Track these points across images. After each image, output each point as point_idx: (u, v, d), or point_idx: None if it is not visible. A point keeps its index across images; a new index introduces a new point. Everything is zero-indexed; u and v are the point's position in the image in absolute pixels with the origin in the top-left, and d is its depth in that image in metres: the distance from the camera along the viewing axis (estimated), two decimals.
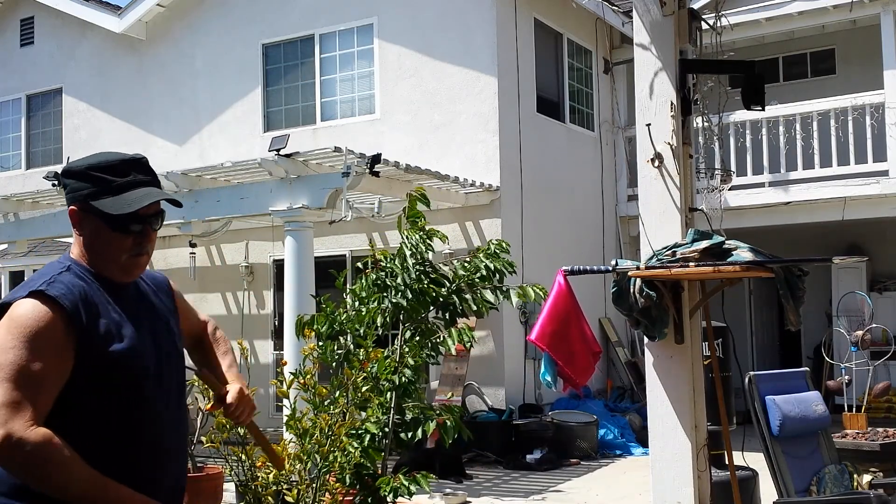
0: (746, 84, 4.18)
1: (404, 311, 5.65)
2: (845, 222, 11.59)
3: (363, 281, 5.76)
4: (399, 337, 5.69)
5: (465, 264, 5.80)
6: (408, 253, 5.60)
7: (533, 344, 4.19)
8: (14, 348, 1.99)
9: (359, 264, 6.00)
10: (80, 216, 2.19)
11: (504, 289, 5.83)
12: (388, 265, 5.67)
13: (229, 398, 2.41)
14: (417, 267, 5.65)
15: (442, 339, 5.69)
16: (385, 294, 5.64)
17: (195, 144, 13.01)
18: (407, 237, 5.66)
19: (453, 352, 5.82)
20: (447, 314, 5.77)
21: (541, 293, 5.79)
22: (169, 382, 2.27)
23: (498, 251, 5.83)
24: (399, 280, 5.60)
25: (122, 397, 2.13)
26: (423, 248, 5.68)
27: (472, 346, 6.11)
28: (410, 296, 5.57)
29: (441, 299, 5.71)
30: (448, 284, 5.74)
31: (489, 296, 5.74)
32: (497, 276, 5.77)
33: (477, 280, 5.73)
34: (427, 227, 5.79)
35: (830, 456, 5.05)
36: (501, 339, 10.74)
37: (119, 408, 2.13)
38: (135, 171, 2.21)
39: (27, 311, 2.04)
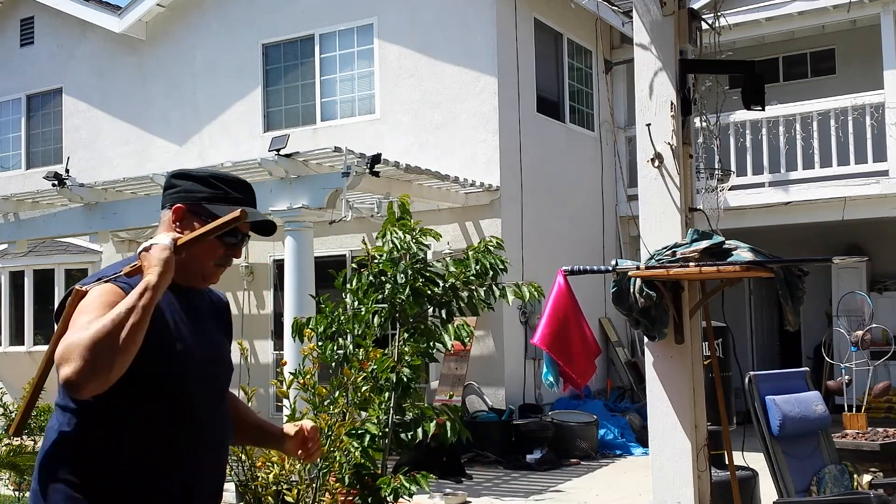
0: (746, 84, 4.17)
1: (400, 310, 5.65)
2: (845, 222, 11.59)
3: (360, 280, 5.76)
4: (397, 336, 5.68)
5: (457, 261, 5.79)
6: (392, 249, 5.60)
7: (535, 346, 4.19)
8: (96, 307, 2.04)
9: (353, 264, 6.01)
10: (185, 215, 2.28)
11: (500, 287, 5.83)
12: (380, 264, 5.67)
13: (308, 430, 2.49)
14: (410, 266, 5.64)
15: (439, 335, 5.69)
16: (380, 292, 5.64)
17: (195, 144, 13.01)
18: (391, 236, 5.64)
19: (449, 347, 5.81)
20: (443, 312, 5.77)
21: (536, 292, 5.79)
22: (213, 390, 2.31)
23: (490, 248, 5.82)
24: (390, 278, 5.59)
25: (165, 396, 2.17)
26: (415, 247, 5.67)
27: (471, 343, 6.11)
28: (405, 294, 5.57)
29: (436, 298, 5.71)
30: (442, 283, 5.74)
31: (482, 293, 5.74)
32: (491, 273, 5.76)
33: (472, 278, 5.73)
34: (419, 227, 5.78)
35: (830, 456, 5.05)
36: (501, 339, 10.74)
37: (161, 405, 2.16)
38: (247, 193, 2.38)
39: (95, 291, 2.11)
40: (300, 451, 2.50)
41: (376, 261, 5.70)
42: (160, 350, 2.14)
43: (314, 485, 5.08)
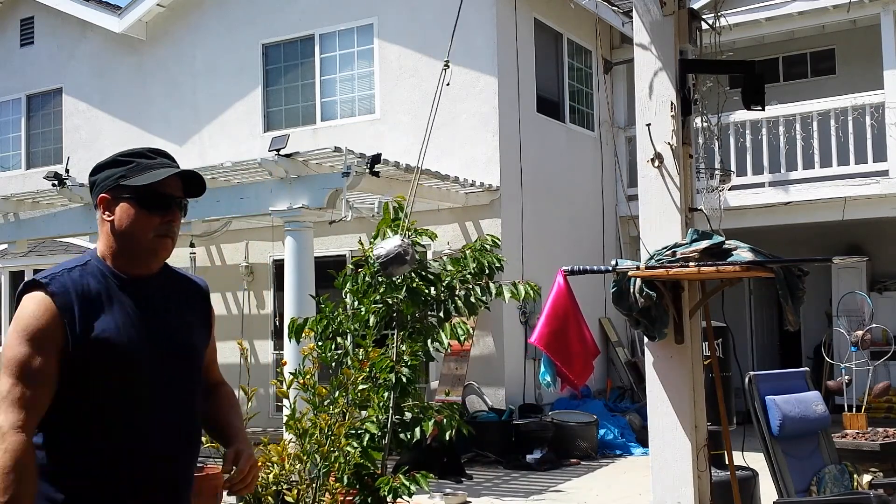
0: (746, 84, 4.17)
1: (397, 310, 5.65)
2: (845, 222, 11.59)
3: (358, 280, 5.76)
4: (395, 336, 5.68)
5: (454, 260, 5.79)
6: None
7: (534, 346, 4.18)
8: (18, 345, 2.14)
9: (350, 264, 6.00)
10: (109, 202, 2.29)
11: (497, 285, 5.82)
12: (375, 264, 5.67)
13: (241, 463, 2.36)
14: None
15: (437, 335, 5.69)
16: (377, 293, 5.64)
17: (195, 144, 13.00)
18: (379, 236, 5.64)
19: (446, 347, 5.81)
20: (440, 312, 5.77)
21: (533, 291, 5.79)
22: (170, 384, 2.28)
23: (487, 247, 5.82)
24: (383, 278, 5.59)
25: (108, 393, 2.18)
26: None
27: (470, 343, 6.10)
28: (402, 294, 5.57)
29: (433, 298, 5.71)
30: (439, 282, 5.73)
31: (479, 292, 5.74)
32: (488, 272, 5.76)
33: (468, 277, 5.73)
34: (414, 227, 5.78)
35: (830, 456, 5.05)
36: (501, 339, 10.74)
37: (103, 404, 2.18)
38: (161, 157, 2.35)
39: (27, 307, 2.18)
40: (226, 480, 2.36)
41: (372, 261, 5.70)
42: (102, 350, 2.16)
43: (314, 485, 5.08)
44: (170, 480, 2.29)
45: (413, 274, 5.68)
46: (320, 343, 5.67)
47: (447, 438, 5.69)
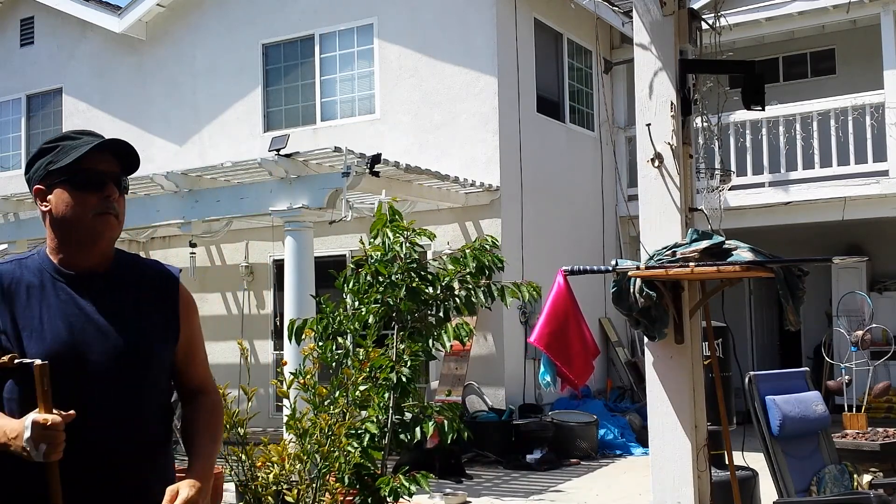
0: (746, 84, 4.17)
1: (396, 310, 5.65)
2: (845, 222, 11.59)
3: (359, 280, 5.76)
4: (395, 336, 5.68)
5: (454, 260, 5.79)
6: (386, 250, 5.60)
7: (534, 346, 4.19)
8: None
9: (351, 264, 6.00)
10: (44, 191, 2.22)
11: (498, 286, 5.82)
12: (375, 264, 5.67)
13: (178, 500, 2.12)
14: (405, 266, 5.64)
15: (438, 335, 5.69)
16: (378, 291, 5.64)
17: (195, 144, 13.01)
18: (382, 238, 5.63)
19: (448, 347, 5.81)
20: (440, 312, 5.76)
21: (534, 292, 5.78)
22: (111, 386, 2.15)
23: (486, 247, 5.81)
24: (386, 278, 5.59)
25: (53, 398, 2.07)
26: (407, 248, 5.66)
27: (471, 343, 6.09)
28: (401, 294, 5.57)
29: (432, 298, 5.71)
30: (438, 282, 5.73)
31: (480, 293, 5.73)
32: (488, 272, 5.75)
33: (468, 277, 5.72)
34: (412, 227, 5.78)
35: (830, 456, 5.05)
36: (501, 339, 10.74)
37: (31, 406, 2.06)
38: (86, 135, 2.25)
39: None
40: None
41: (372, 260, 5.70)
42: (26, 346, 2.11)
43: (314, 485, 5.08)
44: (126, 483, 2.17)
45: (413, 273, 5.68)
46: (320, 343, 5.67)
47: (448, 442, 5.68)
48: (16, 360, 2.08)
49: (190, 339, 2.35)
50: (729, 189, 11.55)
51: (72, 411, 2.01)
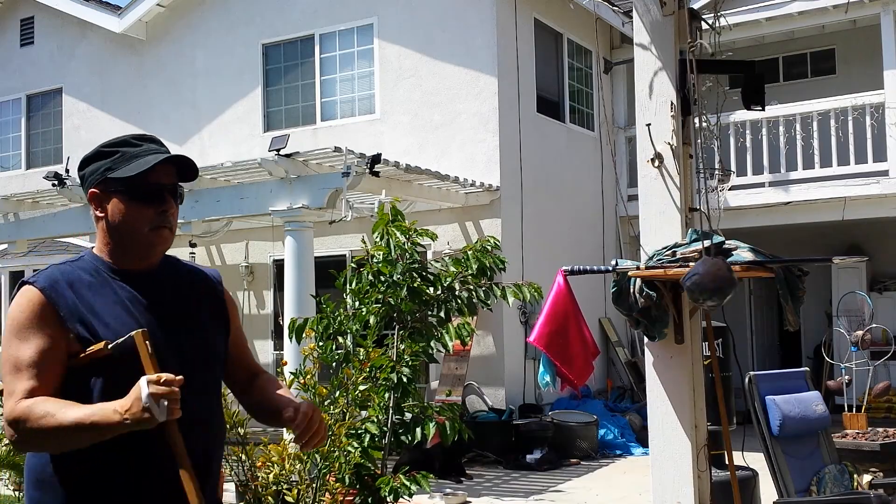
0: (746, 84, 4.17)
1: (397, 310, 5.65)
2: (845, 222, 11.59)
3: (360, 280, 5.76)
4: (395, 336, 5.68)
5: (456, 261, 5.79)
6: (389, 250, 5.60)
7: (533, 345, 4.18)
8: (9, 345, 2.10)
9: (352, 263, 6.00)
10: (100, 197, 2.20)
11: (500, 287, 5.82)
12: (378, 264, 5.67)
13: (302, 410, 2.26)
14: (407, 266, 5.64)
15: (440, 335, 5.69)
16: (379, 291, 5.64)
17: (195, 144, 13.00)
18: (388, 237, 5.63)
19: (450, 348, 5.81)
20: (441, 312, 5.76)
21: (535, 292, 5.79)
22: (191, 375, 2.15)
23: (488, 248, 5.81)
24: (388, 278, 5.59)
25: (108, 389, 2.09)
26: (409, 247, 5.66)
27: (471, 343, 6.08)
28: (402, 294, 5.57)
29: (433, 298, 5.71)
30: (439, 283, 5.73)
31: (482, 293, 5.73)
32: (489, 273, 5.76)
33: (469, 277, 5.72)
34: (415, 227, 5.78)
35: (830, 456, 5.05)
36: (501, 339, 10.74)
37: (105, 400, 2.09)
38: (147, 142, 2.24)
39: (14, 307, 2.14)
40: (297, 436, 2.28)
41: (375, 260, 5.70)
42: (110, 355, 2.09)
43: (314, 485, 5.08)
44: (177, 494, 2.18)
45: (415, 273, 5.68)
46: (321, 343, 5.67)
47: (449, 442, 5.69)
48: (109, 345, 2.08)
49: (238, 334, 2.45)
50: (729, 189, 11.55)
51: (180, 376, 2.00)
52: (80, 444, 2.03)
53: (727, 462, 4.53)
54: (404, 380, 5.44)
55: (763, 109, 4.47)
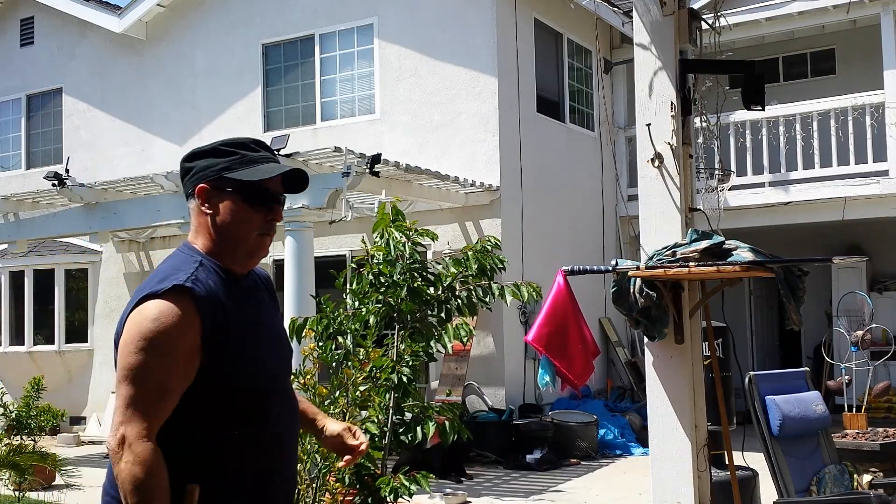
0: (746, 84, 4.17)
1: (398, 310, 5.65)
2: (845, 222, 11.59)
3: (361, 280, 5.76)
4: (395, 336, 5.68)
5: (456, 261, 5.78)
6: (389, 250, 5.60)
7: (529, 345, 4.18)
8: (146, 350, 1.98)
9: (352, 264, 6.00)
10: (210, 193, 2.17)
11: (499, 286, 5.82)
12: (379, 265, 5.67)
13: (357, 437, 2.38)
14: (407, 266, 5.64)
15: (439, 335, 5.68)
16: (379, 291, 5.64)
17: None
18: (388, 237, 5.63)
19: (449, 348, 5.81)
20: (441, 313, 5.76)
21: (535, 292, 5.79)
22: (282, 380, 2.23)
23: (488, 248, 5.81)
24: (388, 278, 5.59)
25: (243, 414, 2.10)
26: (409, 247, 5.66)
27: (471, 343, 6.08)
28: (402, 294, 5.57)
29: (434, 298, 5.70)
30: (440, 283, 5.73)
31: (481, 293, 5.73)
32: (489, 273, 5.75)
33: (469, 277, 5.72)
34: (416, 227, 5.78)
35: (830, 456, 5.05)
36: (501, 339, 10.74)
37: (242, 412, 2.09)
38: (265, 148, 2.24)
39: (164, 310, 2.01)
40: (344, 457, 2.38)
41: (375, 260, 5.70)
42: (236, 360, 2.06)
43: (314, 485, 5.08)
44: (291, 480, 2.27)
45: (415, 273, 5.68)
46: (321, 343, 5.67)
47: (449, 442, 5.69)
48: None
49: None
50: (729, 189, 11.55)
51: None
52: None
53: (727, 462, 4.53)
54: (404, 380, 5.44)
55: (763, 109, 4.47)
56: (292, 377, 5.27)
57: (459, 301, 5.77)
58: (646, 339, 4.14)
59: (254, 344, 2.12)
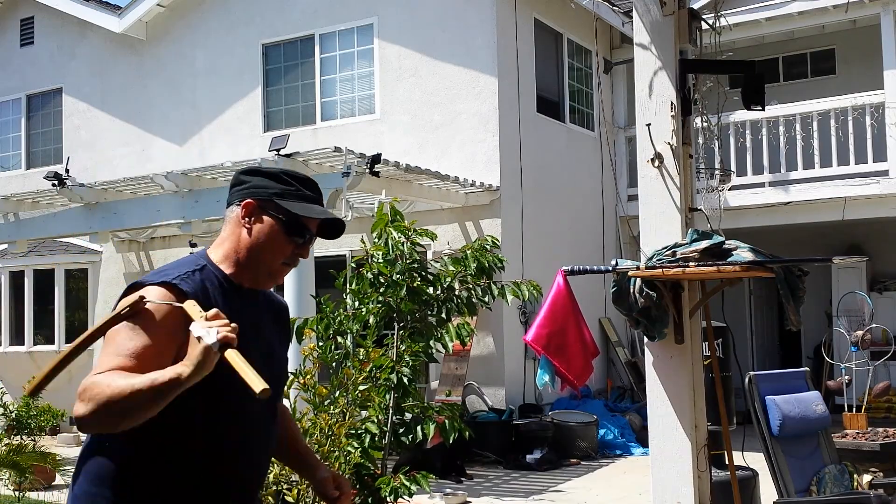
0: (746, 84, 4.17)
1: (397, 310, 5.65)
2: (845, 222, 11.59)
3: (361, 280, 5.76)
4: (395, 336, 5.68)
5: (455, 260, 5.78)
6: (388, 250, 5.60)
7: (528, 344, 4.18)
8: (130, 328, 2.04)
9: (352, 263, 6.00)
10: (255, 210, 2.23)
11: (499, 286, 5.82)
12: (378, 265, 5.67)
13: (341, 488, 2.43)
14: (407, 266, 5.64)
15: (439, 335, 5.68)
16: (379, 291, 5.64)
17: (195, 144, 13.01)
18: (387, 237, 5.63)
19: (449, 348, 5.81)
20: (441, 313, 5.76)
21: (535, 291, 5.79)
22: (266, 404, 2.22)
23: (487, 247, 5.81)
24: (388, 278, 5.59)
25: (224, 409, 2.14)
26: (409, 247, 5.66)
27: (471, 343, 6.07)
28: (402, 294, 5.57)
29: (433, 298, 5.70)
30: (439, 282, 5.73)
31: (481, 293, 5.73)
32: (489, 272, 5.75)
33: (469, 277, 5.72)
34: (415, 227, 5.77)
35: (830, 456, 5.05)
36: (501, 339, 10.74)
37: (219, 418, 2.13)
38: (317, 191, 2.33)
39: (147, 294, 2.08)
40: (332, 497, 2.43)
41: (375, 260, 5.70)
42: (223, 366, 2.05)
43: None
44: (251, 494, 2.31)
45: (415, 273, 5.68)
46: (321, 343, 5.67)
47: (450, 442, 5.69)
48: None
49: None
50: (729, 189, 11.54)
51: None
52: (139, 409, 1.94)
53: (727, 462, 4.53)
54: (404, 380, 5.44)
55: (763, 109, 4.47)
56: (293, 377, 5.28)
57: (459, 301, 5.77)
58: (646, 339, 4.15)
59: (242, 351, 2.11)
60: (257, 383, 1.87)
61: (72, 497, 2.17)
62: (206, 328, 1.92)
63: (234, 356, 1.92)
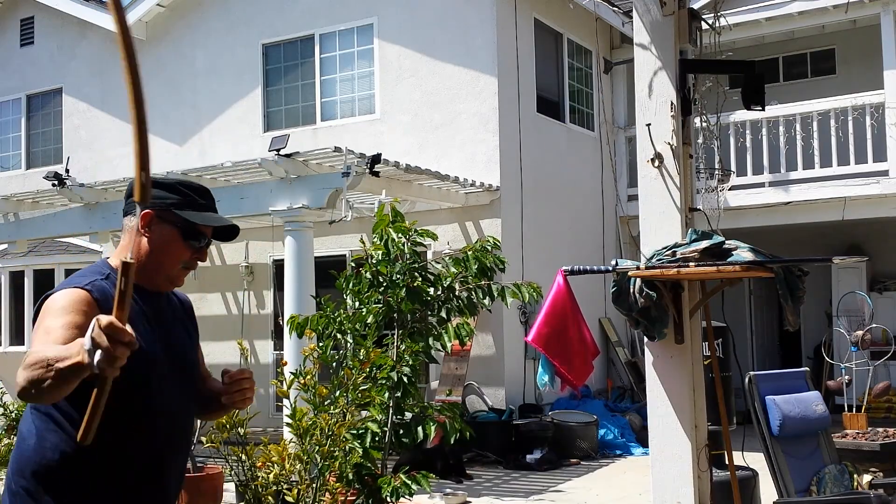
0: (746, 84, 4.17)
1: (397, 310, 5.65)
2: (845, 222, 11.59)
3: (360, 280, 5.76)
4: (395, 336, 5.68)
5: (456, 261, 5.79)
6: (387, 250, 5.60)
7: (529, 344, 4.19)
8: (43, 320, 2.20)
9: (351, 263, 6.01)
10: (153, 220, 2.37)
11: (499, 286, 5.82)
12: (377, 264, 5.67)
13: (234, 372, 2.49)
14: (407, 266, 5.64)
15: (438, 335, 5.69)
16: (378, 291, 5.64)
17: (195, 144, 13.01)
18: (386, 237, 5.63)
19: (448, 348, 5.81)
20: (441, 313, 5.76)
21: (535, 292, 5.79)
22: (177, 390, 2.40)
23: (487, 248, 5.81)
24: (387, 277, 5.59)
25: (131, 399, 2.24)
26: (408, 247, 5.66)
27: (471, 343, 6.08)
28: (402, 294, 5.57)
29: (433, 298, 5.71)
30: (439, 283, 5.73)
31: (481, 294, 5.73)
32: (489, 273, 5.75)
33: (469, 277, 5.73)
34: (415, 227, 5.77)
35: (830, 456, 5.05)
36: (501, 339, 10.74)
37: (127, 407, 2.23)
38: (210, 199, 2.51)
39: (61, 294, 2.23)
40: (225, 393, 2.47)
41: (374, 260, 5.70)
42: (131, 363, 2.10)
43: (314, 485, 5.08)
44: (176, 477, 2.45)
45: (415, 273, 5.68)
46: (321, 343, 5.67)
47: (451, 441, 5.69)
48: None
49: (200, 350, 2.69)
50: (729, 189, 11.55)
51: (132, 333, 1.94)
52: (50, 384, 1.99)
53: (727, 462, 4.53)
54: (405, 380, 5.44)
55: (763, 109, 4.47)
56: (293, 377, 5.28)
57: (459, 301, 5.77)
58: (646, 339, 4.15)
59: (146, 347, 2.25)
60: (83, 431, 1.89)
61: (5, 489, 2.33)
62: (96, 338, 1.86)
63: (94, 393, 1.89)
